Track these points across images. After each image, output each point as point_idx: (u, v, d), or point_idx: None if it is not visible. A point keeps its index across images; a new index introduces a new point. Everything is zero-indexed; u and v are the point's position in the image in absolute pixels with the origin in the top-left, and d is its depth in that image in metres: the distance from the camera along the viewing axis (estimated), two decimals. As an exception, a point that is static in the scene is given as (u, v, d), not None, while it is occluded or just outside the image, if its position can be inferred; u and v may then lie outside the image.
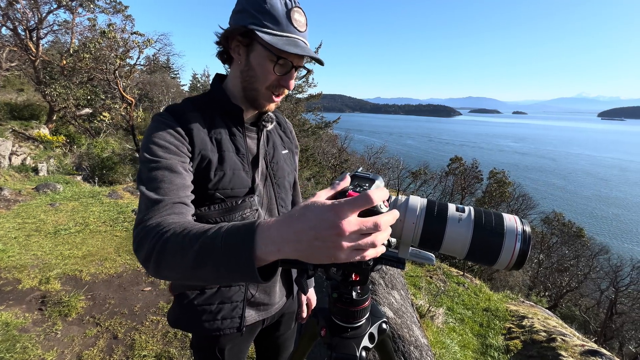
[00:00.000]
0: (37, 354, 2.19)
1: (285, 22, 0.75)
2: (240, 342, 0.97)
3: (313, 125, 18.02)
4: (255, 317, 0.95)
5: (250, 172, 0.87)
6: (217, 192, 0.81)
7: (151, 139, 0.73)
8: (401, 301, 2.75)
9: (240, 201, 0.83)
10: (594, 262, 15.48)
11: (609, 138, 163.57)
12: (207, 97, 0.88)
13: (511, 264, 0.52)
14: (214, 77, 0.92)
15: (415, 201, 0.58)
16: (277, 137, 1.01)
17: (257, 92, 0.83)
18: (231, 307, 0.90)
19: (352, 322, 0.69)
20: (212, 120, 0.84)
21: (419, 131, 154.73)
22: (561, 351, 3.68)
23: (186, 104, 0.84)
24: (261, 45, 0.76)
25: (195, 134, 0.79)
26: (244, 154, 0.87)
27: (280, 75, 0.80)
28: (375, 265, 0.62)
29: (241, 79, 0.83)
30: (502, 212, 0.56)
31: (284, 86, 0.82)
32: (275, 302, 1.00)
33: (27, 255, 3.50)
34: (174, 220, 0.60)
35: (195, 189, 0.78)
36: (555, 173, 61.48)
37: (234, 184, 0.83)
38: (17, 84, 12.84)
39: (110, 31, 9.97)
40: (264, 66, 0.79)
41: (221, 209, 0.82)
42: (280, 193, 0.98)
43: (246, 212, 0.85)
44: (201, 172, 0.79)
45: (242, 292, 0.91)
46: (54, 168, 8.14)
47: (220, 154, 0.82)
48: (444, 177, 20.95)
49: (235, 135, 0.87)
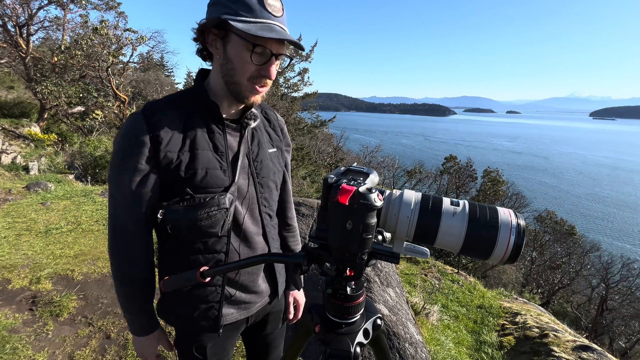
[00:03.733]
0: (27, 355, 2.16)
1: (259, 8, 0.74)
2: (223, 340, 0.97)
3: (309, 124, 18.00)
4: (237, 315, 0.94)
5: (229, 170, 0.85)
6: (187, 189, 0.80)
7: (114, 162, 0.80)
8: (396, 298, 2.76)
9: (208, 198, 0.80)
10: (585, 259, 15.71)
11: (600, 137, 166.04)
12: (188, 93, 0.86)
13: (505, 257, 0.52)
14: (197, 73, 0.90)
15: (410, 195, 0.58)
16: (264, 135, 0.98)
17: (239, 85, 0.80)
18: (206, 307, 0.89)
19: (346, 317, 0.68)
20: (190, 117, 0.82)
21: (414, 130, 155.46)
22: (553, 347, 3.72)
23: (164, 102, 0.83)
24: (236, 35, 0.75)
25: (163, 136, 0.78)
26: (223, 151, 0.85)
27: (260, 64, 0.78)
28: (370, 260, 0.62)
29: (222, 73, 0.81)
30: (496, 206, 0.56)
31: (265, 76, 0.80)
32: (257, 300, 0.98)
33: (18, 255, 3.44)
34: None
35: (168, 186, 0.80)
36: (548, 172, 62.26)
37: (207, 183, 0.81)
38: (7, 82, 12.61)
39: (103, 28, 9.82)
40: (241, 56, 0.76)
41: (188, 205, 0.79)
42: (264, 193, 0.95)
43: (212, 210, 0.80)
44: (171, 172, 0.79)
45: (218, 293, 0.90)
46: (46, 167, 8.01)
47: (192, 152, 0.81)
48: (439, 175, 21.08)
49: (214, 132, 0.84)
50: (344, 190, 0.52)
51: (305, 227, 3.01)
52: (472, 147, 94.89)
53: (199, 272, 0.71)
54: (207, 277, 0.71)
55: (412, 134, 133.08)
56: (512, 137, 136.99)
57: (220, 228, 0.82)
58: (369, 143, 24.98)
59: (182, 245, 0.87)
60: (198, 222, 0.79)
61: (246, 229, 0.91)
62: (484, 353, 4.01)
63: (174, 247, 0.88)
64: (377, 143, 24.71)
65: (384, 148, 24.82)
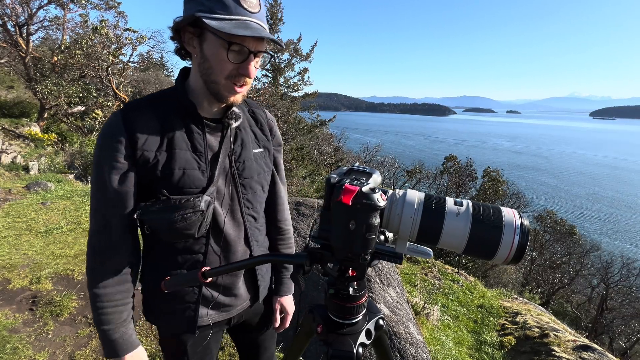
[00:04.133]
0: (27, 355, 2.15)
1: (234, 4, 0.72)
2: (204, 339, 0.96)
3: (309, 124, 18.01)
4: (215, 317, 0.94)
5: (208, 171, 0.83)
6: (164, 190, 0.79)
7: (96, 163, 0.79)
8: (397, 298, 2.76)
9: (184, 200, 0.78)
10: (585, 259, 15.71)
11: (600, 137, 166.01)
12: (168, 92, 0.86)
13: (509, 257, 0.52)
14: (179, 72, 0.88)
15: (413, 195, 0.57)
16: (249, 135, 0.95)
17: (217, 84, 0.79)
18: (183, 308, 0.89)
19: (348, 318, 0.68)
20: (168, 117, 0.81)
21: (414, 130, 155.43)
22: (554, 347, 3.72)
23: (144, 101, 0.82)
24: (211, 33, 0.73)
25: (140, 134, 0.77)
26: (202, 152, 0.83)
27: (237, 63, 0.76)
28: (372, 260, 0.61)
29: (200, 72, 0.80)
30: (500, 206, 0.55)
31: (243, 74, 0.78)
32: (237, 303, 0.98)
33: (18, 255, 3.43)
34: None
35: (144, 186, 0.80)
36: (548, 172, 62.25)
37: (184, 183, 0.80)
38: (7, 81, 12.59)
39: (103, 27, 9.80)
40: (217, 55, 0.75)
41: (163, 206, 0.78)
42: (247, 194, 0.92)
43: (187, 212, 0.78)
44: (147, 172, 0.79)
45: (195, 294, 0.89)
46: (45, 166, 8.01)
47: (169, 152, 0.80)
48: (439, 175, 21.07)
49: (193, 132, 0.83)
50: (347, 190, 0.51)
51: (306, 226, 3.01)
52: (472, 146, 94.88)
53: (201, 272, 0.70)
54: (209, 278, 0.71)
55: (412, 134, 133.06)
56: (512, 137, 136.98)
57: (196, 230, 0.81)
58: (369, 143, 24.97)
59: (160, 245, 0.87)
60: (172, 224, 0.78)
61: (226, 230, 0.90)
62: (485, 353, 4.01)
63: (152, 247, 0.89)
64: (377, 143, 24.71)
65: (384, 148, 24.81)
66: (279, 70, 18.87)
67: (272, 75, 19.00)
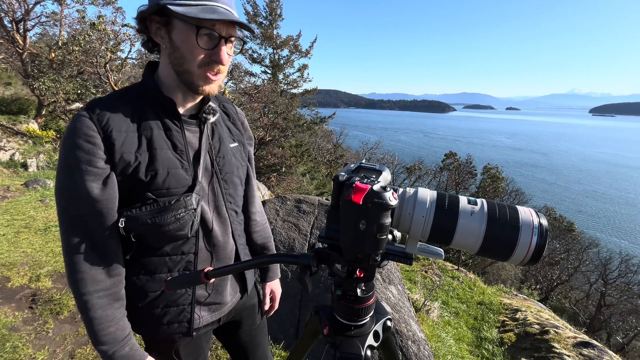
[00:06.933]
0: (27, 353, 2.14)
1: None
2: (197, 340, 0.94)
3: (308, 121, 17.94)
4: (208, 318, 0.92)
5: (191, 169, 0.81)
6: (149, 192, 0.75)
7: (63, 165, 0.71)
8: (398, 296, 2.75)
9: (174, 201, 0.76)
10: (583, 255, 15.79)
11: (599, 134, 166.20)
12: (138, 89, 0.80)
13: (527, 259, 0.50)
14: (145, 66, 0.84)
15: (425, 194, 0.55)
16: (224, 130, 0.93)
17: (190, 74, 0.75)
18: (177, 310, 0.86)
19: (356, 320, 0.66)
20: (143, 115, 0.77)
21: (414, 127, 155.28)
22: (554, 343, 3.73)
23: (113, 99, 0.76)
24: (179, 19, 0.71)
25: (116, 136, 0.72)
26: (183, 150, 0.80)
27: (209, 49, 0.73)
28: (382, 261, 0.59)
29: (171, 64, 0.76)
30: (516, 205, 0.53)
31: (215, 61, 0.75)
32: (227, 301, 0.96)
33: (17, 253, 3.41)
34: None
35: (126, 191, 0.75)
36: (547, 168, 62.33)
37: (170, 184, 0.77)
38: (4, 78, 12.49)
39: (101, 23, 9.70)
40: (187, 42, 0.72)
41: (152, 209, 0.74)
42: (228, 189, 0.91)
43: (180, 212, 0.76)
44: (129, 176, 0.74)
45: (189, 295, 0.86)
46: (44, 164, 7.97)
47: (151, 152, 0.75)
48: (439, 172, 21.07)
49: (172, 130, 0.79)
50: (358, 189, 0.49)
51: (307, 224, 2.99)
52: (471, 143, 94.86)
53: (204, 272, 0.68)
54: (212, 278, 0.69)
55: (411, 131, 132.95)
56: (511, 134, 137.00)
57: (189, 229, 0.79)
58: (369, 140, 24.95)
59: (147, 251, 0.81)
60: (165, 227, 0.75)
61: (214, 227, 0.89)
62: (485, 349, 4.02)
63: (138, 255, 0.82)
64: (376, 140, 24.68)
65: (383, 145, 24.80)
66: (279, 67, 18.75)
67: (272, 72, 18.89)
